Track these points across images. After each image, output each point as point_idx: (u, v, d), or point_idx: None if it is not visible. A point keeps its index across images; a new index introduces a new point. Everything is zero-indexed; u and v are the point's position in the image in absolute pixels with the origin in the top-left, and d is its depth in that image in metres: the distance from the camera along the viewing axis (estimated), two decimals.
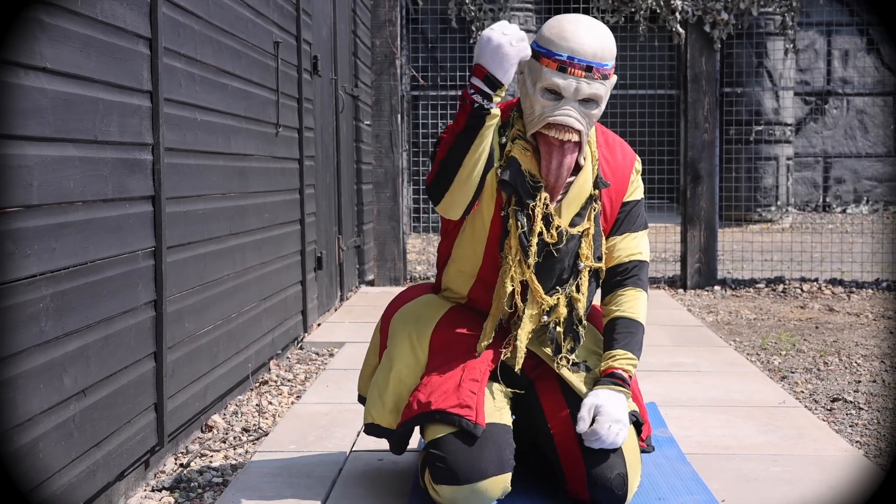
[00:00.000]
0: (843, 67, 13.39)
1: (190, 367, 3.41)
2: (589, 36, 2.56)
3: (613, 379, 2.68)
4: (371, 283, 7.53)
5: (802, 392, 4.24)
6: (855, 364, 4.77)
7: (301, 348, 5.14)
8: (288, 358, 4.90)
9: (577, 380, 2.71)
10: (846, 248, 8.95)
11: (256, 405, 3.99)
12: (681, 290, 7.40)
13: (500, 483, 2.56)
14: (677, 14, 7.49)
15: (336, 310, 6.29)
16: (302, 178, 5.11)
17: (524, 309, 2.70)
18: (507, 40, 2.48)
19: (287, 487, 2.91)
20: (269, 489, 2.89)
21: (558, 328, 2.73)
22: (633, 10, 7.71)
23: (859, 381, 4.41)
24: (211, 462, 3.28)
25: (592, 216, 2.73)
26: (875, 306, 6.60)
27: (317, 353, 5.04)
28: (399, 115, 7.52)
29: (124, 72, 2.83)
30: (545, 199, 2.65)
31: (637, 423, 2.74)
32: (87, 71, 2.57)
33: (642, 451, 2.79)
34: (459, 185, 2.56)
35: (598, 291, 2.84)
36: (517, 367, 2.71)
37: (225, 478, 3.12)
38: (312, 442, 3.36)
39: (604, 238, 2.78)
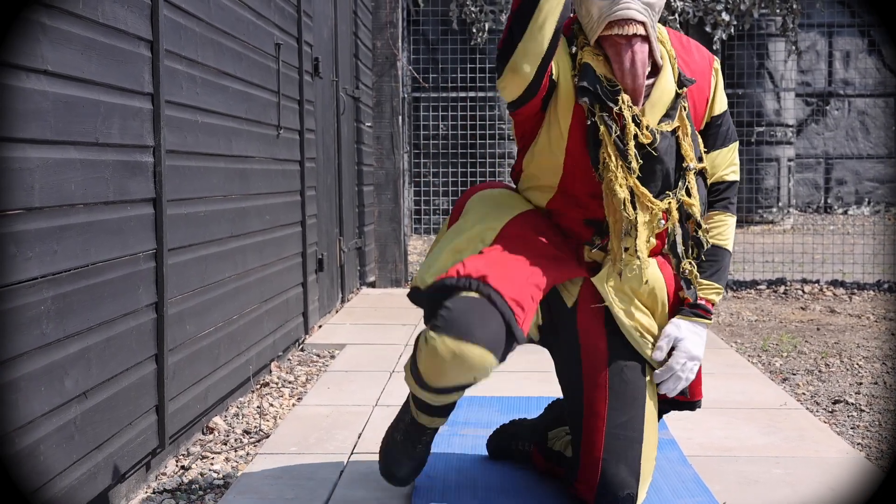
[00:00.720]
0: (845, 69, 13.39)
1: (191, 369, 3.41)
2: None
3: (696, 310, 2.61)
4: (372, 285, 7.53)
5: (804, 394, 4.24)
6: (856, 366, 4.76)
7: (302, 350, 5.14)
8: (289, 360, 4.90)
9: (637, 336, 2.58)
10: (847, 249, 8.95)
11: (257, 407, 3.99)
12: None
13: (489, 359, 2.39)
14: (678, 15, 7.49)
15: (337, 311, 6.29)
16: (303, 179, 5.11)
17: (636, 217, 2.53)
18: None
19: (288, 489, 2.90)
20: (270, 491, 2.89)
21: (677, 236, 2.60)
22: None
23: (860, 383, 4.41)
24: (212, 464, 3.28)
25: (684, 115, 2.57)
26: (876, 308, 6.60)
27: (318, 355, 5.04)
28: (400, 117, 7.52)
29: (125, 74, 2.83)
30: (627, 101, 2.49)
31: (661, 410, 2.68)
32: (88, 73, 2.57)
33: (687, 406, 2.73)
34: (531, 36, 2.38)
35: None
36: (644, 280, 2.56)
37: (226, 480, 3.12)
38: (314, 444, 3.36)
39: (700, 138, 2.64)
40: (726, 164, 2.71)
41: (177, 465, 3.28)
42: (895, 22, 7.14)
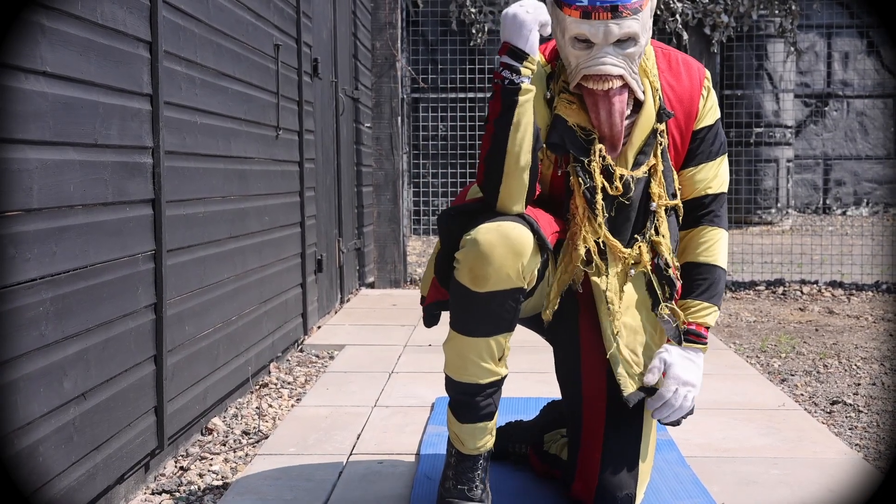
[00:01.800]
0: (844, 70, 13.40)
1: (190, 370, 3.41)
2: None
3: (688, 336, 2.56)
4: (371, 286, 7.53)
5: (802, 395, 4.24)
6: (854, 367, 4.77)
7: (301, 351, 5.14)
8: (288, 360, 4.90)
9: (629, 355, 2.55)
10: (846, 250, 8.95)
11: (256, 408, 3.99)
12: None
13: (529, 238, 2.38)
14: (678, 16, 7.49)
15: (336, 312, 6.29)
16: (302, 180, 5.12)
17: (606, 268, 2.53)
18: (523, 9, 2.34)
19: (287, 490, 2.91)
20: (269, 492, 2.89)
21: (651, 281, 2.57)
22: None
23: (859, 384, 4.41)
24: (211, 465, 3.29)
25: (659, 151, 2.54)
26: (875, 309, 6.60)
27: (317, 356, 5.04)
28: (399, 118, 7.52)
29: (124, 75, 2.83)
30: (600, 150, 2.47)
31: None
32: (87, 74, 2.57)
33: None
34: (510, 175, 2.39)
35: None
36: (615, 331, 2.53)
37: (225, 481, 3.12)
38: (312, 445, 3.37)
39: (675, 173, 2.60)
40: (713, 177, 2.64)
41: (175, 466, 3.28)
42: (894, 22, 7.15)
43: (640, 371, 2.57)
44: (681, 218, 2.63)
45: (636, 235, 2.57)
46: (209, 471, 3.20)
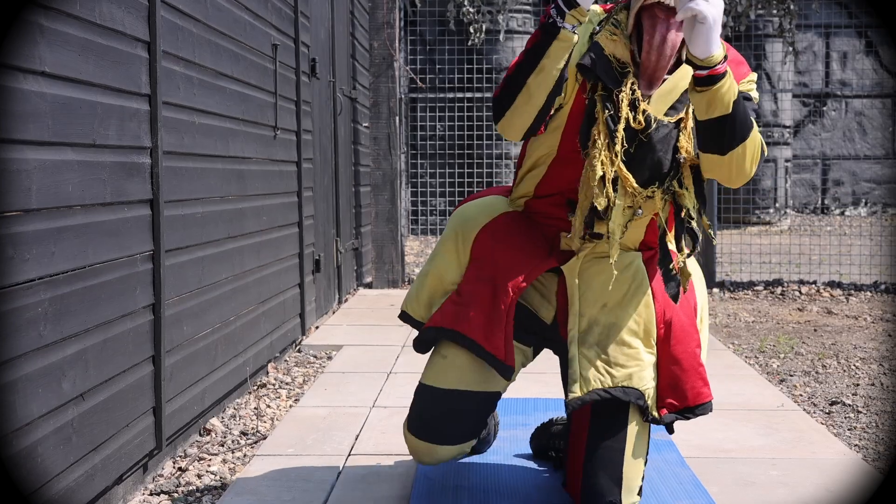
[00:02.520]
0: (842, 69, 13.40)
1: (188, 370, 3.40)
2: None
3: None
4: (369, 286, 7.53)
5: (801, 395, 4.24)
6: (853, 367, 4.77)
7: (299, 351, 5.14)
8: (286, 361, 4.90)
9: (588, 365, 2.55)
10: (844, 250, 8.96)
11: (255, 408, 3.98)
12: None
13: (456, 451, 2.66)
14: None
15: (334, 312, 6.28)
16: (300, 180, 5.11)
17: (615, 200, 2.49)
18: None
19: (285, 491, 2.90)
20: (267, 493, 2.89)
21: (666, 234, 2.57)
22: None
23: (857, 385, 4.41)
24: (209, 466, 3.28)
25: (690, 110, 2.50)
26: (873, 309, 6.60)
27: (315, 356, 5.04)
28: (397, 118, 7.52)
29: (123, 75, 2.82)
30: (632, 84, 2.45)
31: (643, 407, 2.57)
32: (85, 75, 2.56)
33: (655, 422, 2.60)
34: (520, 108, 2.40)
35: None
36: (613, 259, 2.50)
37: (223, 482, 3.12)
38: (311, 445, 3.36)
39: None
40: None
41: (174, 467, 3.27)
42: (894, 22, 7.14)
43: (607, 371, 2.56)
44: (703, 183, 2.59)
45: (656, 181, 2.52)
46: (207, 471, 3.20)
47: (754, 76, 2.65)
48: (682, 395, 2.60)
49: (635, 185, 2.50)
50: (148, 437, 3.03)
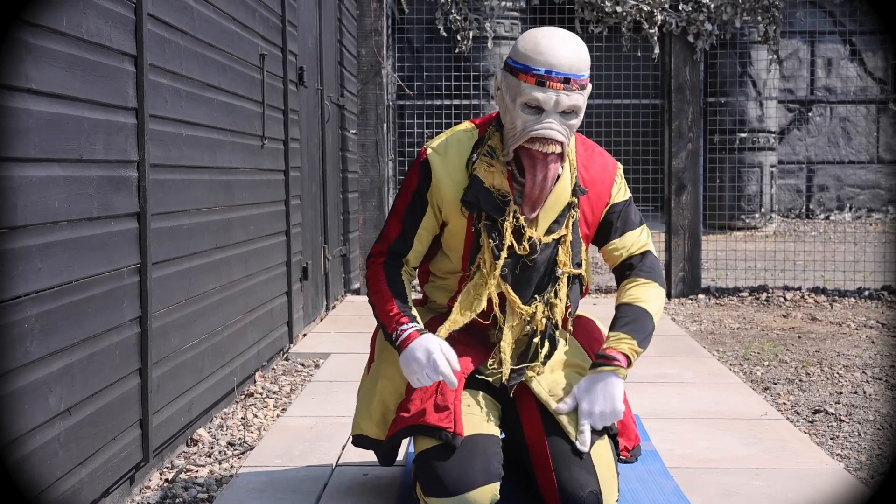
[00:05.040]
0: (827, 75, 13.46)
1: (175, 381, 3.41)
2: (565, 48, 2.58)
3: (599, 360, 2.70)
4: (357, 292, 7.54)
5: (784, 404, 4.27)
6: (836, 375, 4.80)
7: (287, 359, 5.15)
8: (273, 369, 4.91)
9: (545, 393, 2.71)
10: (829, 255, 9.00)
11: (242, 418, 4.00)
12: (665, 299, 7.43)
13: (489, 492, 2.58)
14: (657, 27, 7.53)
15: (322, 320, 6.30)
16: (288, 189, 5.12)
17: (504, 320, 2.73)
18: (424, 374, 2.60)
19: (272, 502, 2.92)
20: None
21: (535, 338, 2.74)
22: (617, 20, 7.75)
23: (840, 393, 4.44)
24: (196, 477, 3.29)
25: (570, 223, 2.75)
26: (857, 315, 6.64)
27: (302, 364, 5.05)
28: (385, 125, 7.54)
29: (110, 90, 2.84)
30: (514, 211, 2.67)
31: (614, 436, 2.74)
32: (72, 90, 2.58)
33: (625, 461, 2.80)
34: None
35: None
36: (504, 377, 2.72)
37: (210, 493, 3.13)
38: (298, 456, 3.37)
39: (584, 245, 2.81)
40: (637, 242, 2.84)
41: (161, 479, 3.28)
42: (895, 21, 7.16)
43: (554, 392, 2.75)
44: (586, 286, 2.85)
45: (536, 296, 2.75)
46: (194, 483, 3.21)
47: (620, 174, 2.88)
48: (630, 437, 2.82)
49: (521, 305, 2.74)
50: (135, 450, 3.04)
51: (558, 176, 2.70)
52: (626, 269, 2.84)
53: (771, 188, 12.45)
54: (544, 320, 2.75)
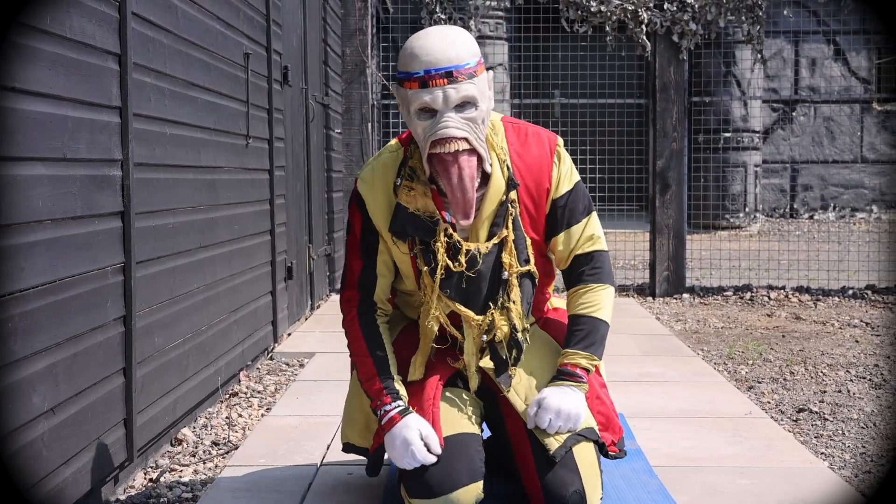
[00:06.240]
0: (811, 75, 13.52)
1: (160, 381, 3.40)
2: (439, 43, 2.50)
3: (559, 376, 2.68)
4: None
5: (769, 402, 4.28)
6: (820, 374, 4.82)
7: (271, 359, 5.14)
8: (258, 369, 4.90)
9: (517, 399, 2.69)
10: (813, 255, 9.04)
11: (226, 418, 3.99)
12: (649, 298, 7.45)
13: (473, 492, 2.57)
14: (643, 26, 7.54)
15: (306, 319, 6.29)
16: (272, 188, 5.11)
17: (462, 336, 2.70)
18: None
19: (257, 502, 2.91)
20: None
21: (501, 343, 2.70)
22: (601, 20, 7.76)
23: (825, 392, 4.46)
24: (181, 476, 3.28)
25: (510, 221, 2.66)
26: (841, 314, 6.67)
27: (287, 364, 5.04)
28: (370, 124, 7.53)
29: (93, 88, 2.82)
30: (445, 230, 2.62)
31: (596, 441, 2.70)
32: (56, 89, 2.57)
33: (615, 457, 2.77)
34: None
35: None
36: (472, 389, 2.73)
37: (194, 493, 3.12)
38: (282, 455, 3.37)
39: (528, 240, 2.72)
40: (583, 238, 2.76)
41: (145, 478, 3.27)
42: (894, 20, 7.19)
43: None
44: (536, 281, 2.77)
45: (489, 303, 2.69)
46: (179, 483, 3.20)
47: (559, 150, 2.78)
48: (614, 429, 2.79)
49: (475, 317, 2.68)
50: (119, 449, 3.03)
51: (484, 173, 2.61)
52: (578, 268, 2.77)
53: (755, 188, 12.50)
54: (505, 326, 2.69)
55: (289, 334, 5.70)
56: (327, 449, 3.42)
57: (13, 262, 2.34)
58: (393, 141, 2.76)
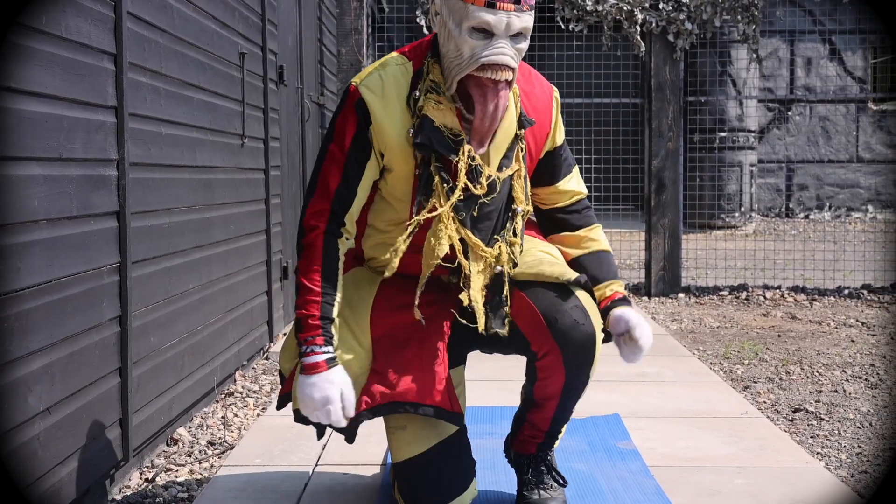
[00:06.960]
0: (806, 75, 13.53)
1: (155, 381, 3.40)
2: None
3: (620, 302, 2.68)
4: None
5: (765, 402, 4.28)
6: (816, 373, 4.82)
7: (267, 359, 5.14)
8: (254, 369, 4.89)
9: (548, 269, 2.58)
10: (809, 254, 9.05)
11: (222, 418, 3.98)
12: (645, 298, 7.45)
13: (468, 496, 2.59)
14: (639, 26, 7.54)
15: None
16: (268, 188, 5.11)
17: (469, 266, 2.53)
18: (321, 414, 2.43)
19: (253, 502, 2.91)
20: None
21: (502, 278, 2.58)
22: (597, 19, 7.76)
23: (820, 391, 4.46)
24: (176, 476, 3.28)
25: (520, 156, 2.58)
26: (837, 314, 6.68)
27: None
28: None
29: (89, 88, 2.82)
30: (468, 151, 2.47)
31: (587, 284, 2.61)
32: (51, 89, 2.56)
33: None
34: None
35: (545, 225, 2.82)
36: (481, 328, 2.54)
37: (190, 493, 3.11)
38: (278, 455, 3.36)
39: (528, 179, 2.66)
40: (576, 187, 2.76)
41: (141, 478, 3.27)
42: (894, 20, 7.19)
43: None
44: (525, 221, 2.68)
45: (496, 236, 2.59)
46: (174, 483, 3.20)
47: (557, 100, 2.71)
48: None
49: (485, 248, 2.55)
50: (115, 449, 3.03)
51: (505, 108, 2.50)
52: (576, 213, 2.75)
53: (751, 187, 12.50)
54: (511, 263, 2.58)
55: (284, 334, 5.69)
56: (323, 449, 3.42)
57: (9, 262, 2.33)
58: (394, 53, 2.56)
